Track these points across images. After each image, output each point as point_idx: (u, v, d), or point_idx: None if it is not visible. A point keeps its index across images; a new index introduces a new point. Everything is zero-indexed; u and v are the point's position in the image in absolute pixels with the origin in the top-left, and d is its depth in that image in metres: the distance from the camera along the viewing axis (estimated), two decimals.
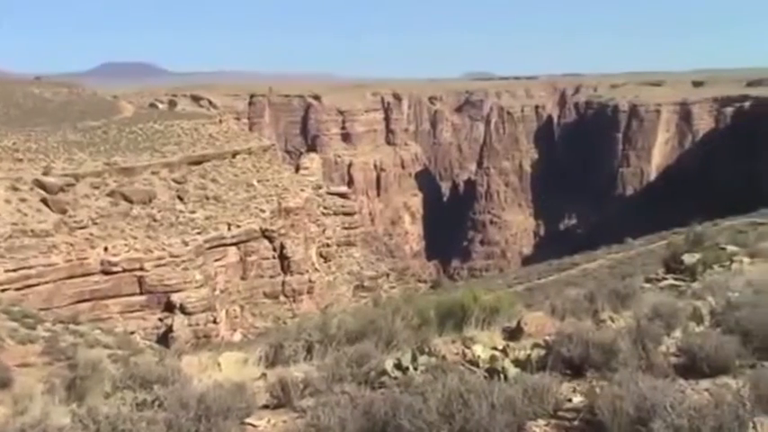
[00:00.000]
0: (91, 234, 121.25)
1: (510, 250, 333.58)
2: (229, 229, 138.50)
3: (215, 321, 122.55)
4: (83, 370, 14.81)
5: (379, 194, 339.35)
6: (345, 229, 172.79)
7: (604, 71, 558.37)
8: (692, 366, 11.62)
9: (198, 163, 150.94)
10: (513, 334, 14.97)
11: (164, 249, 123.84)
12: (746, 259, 29.74)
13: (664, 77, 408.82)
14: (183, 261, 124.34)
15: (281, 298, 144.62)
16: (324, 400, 10.19)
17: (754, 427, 8.64)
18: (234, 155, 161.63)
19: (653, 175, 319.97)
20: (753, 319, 12.82)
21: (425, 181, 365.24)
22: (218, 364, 14.39)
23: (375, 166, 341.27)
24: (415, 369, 11.85)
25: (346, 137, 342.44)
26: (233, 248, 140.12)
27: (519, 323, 15.15)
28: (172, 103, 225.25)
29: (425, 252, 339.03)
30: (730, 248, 32.56)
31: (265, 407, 11.64)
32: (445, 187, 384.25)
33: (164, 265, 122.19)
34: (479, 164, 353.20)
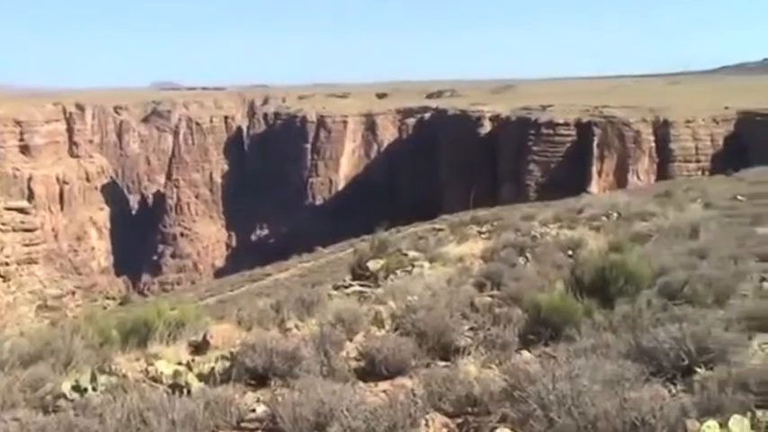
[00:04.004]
0: None
1: (202, 263, 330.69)
2: None
3: None
4: None
5: (62, 209, 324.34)
6: (26, 246, 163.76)
7: (291, 83, 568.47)
8: (372, 369, 12.02)
9: None
10: (200, 347, 14.82)
11: None
12: (426, 264, 31.25)
13: (349, 89, 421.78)
14: None
15: None
16: None
17: (426, 424, 9.05)
18: None
19: (341, 185, 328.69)
20: (428, 321, 13.47)
21: (113, 194, 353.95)
22: None
23: (58, 179, 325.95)
24: (95, 390, 11.42)
25: (25, 149, 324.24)
26: None
27: (205, 336, 15.03)
28: None
29: (114, 268, 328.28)
30: (412, 254, 34.10)
31: None
32: (134, 200, 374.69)
33: None
34: (169, 176, 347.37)
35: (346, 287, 28.45)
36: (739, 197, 49.11)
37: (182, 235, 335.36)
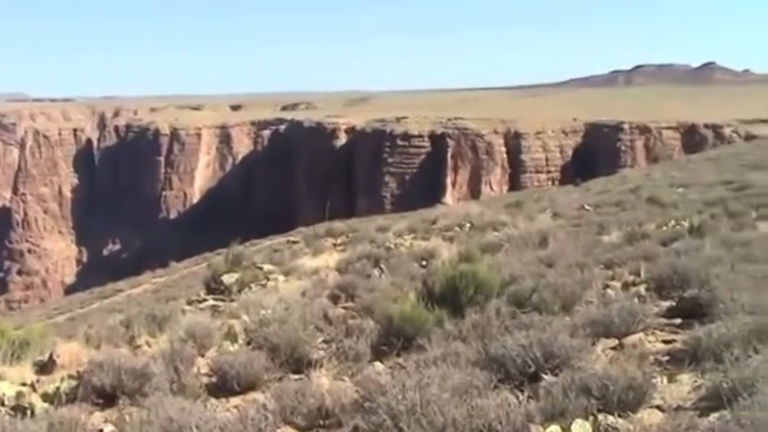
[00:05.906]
0: None
1: (51, 280, 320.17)
2: None
3: None
4: None
5: None
6: None
7: (142, 94, 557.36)
8: (224, 385, 11.87)
9: None
10: (45, 367, 14.35)
11: None
12: (281, 277, 31.11)
13: (202, 101, 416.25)
14: None
15: None
16: None
17: None
18: None
19: (196, 198, 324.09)
20: (281, 334, 13.41)
21: None
22: None
23: None
24: None
25: None
26: None
27: (51, 355, 14.57)
28: None
29: None
30: (267, 267, 33.86)
31: None
32: None
33: None
34: (15, 190, 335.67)
35: (200, 302, 28.06)
36: (586, 207, 50.67)
37: (29, 251, 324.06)
